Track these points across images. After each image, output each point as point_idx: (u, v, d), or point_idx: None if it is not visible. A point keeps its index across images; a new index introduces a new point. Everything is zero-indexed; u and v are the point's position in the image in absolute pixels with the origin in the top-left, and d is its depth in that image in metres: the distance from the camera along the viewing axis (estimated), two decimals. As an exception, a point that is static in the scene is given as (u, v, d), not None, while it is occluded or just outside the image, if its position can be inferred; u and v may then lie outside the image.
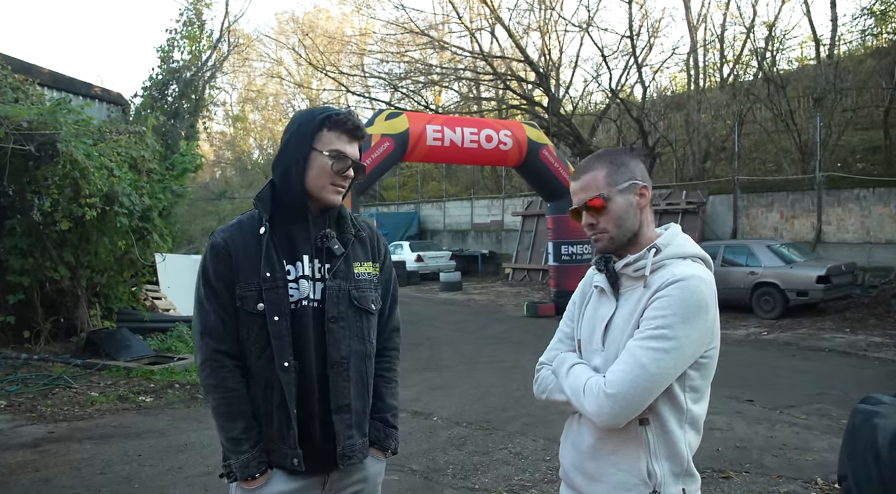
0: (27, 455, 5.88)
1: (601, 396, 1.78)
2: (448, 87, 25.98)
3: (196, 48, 14.96)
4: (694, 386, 1.83)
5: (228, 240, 2.14)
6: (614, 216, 1.92)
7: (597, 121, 23.54)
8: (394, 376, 2.37)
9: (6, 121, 7.88)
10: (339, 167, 2.12)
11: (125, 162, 10.30)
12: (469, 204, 27.41)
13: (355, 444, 2.17)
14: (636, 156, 1.98)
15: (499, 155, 14.65)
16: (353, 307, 2.18)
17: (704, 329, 1.77)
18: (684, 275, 1.79)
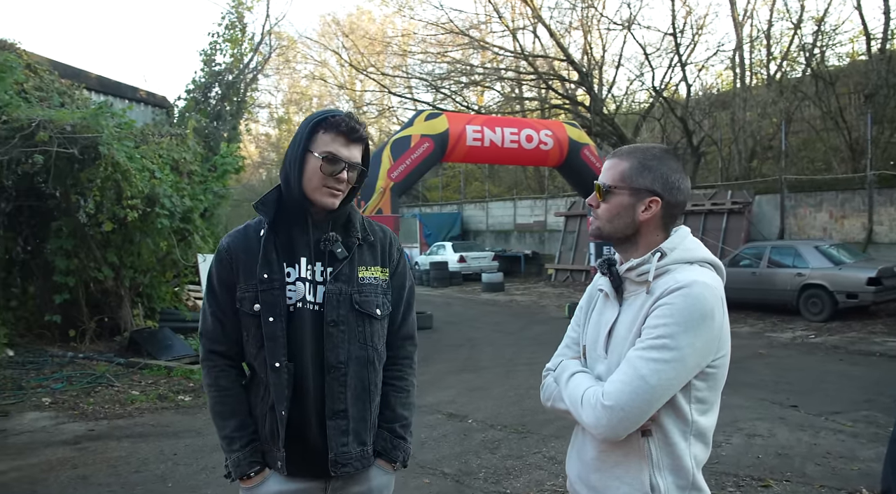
0: (67, 453, 5.99)
1: (598, 408, 1.71)
2: (490, 88, 25.90)
3: (238, 51, 15.12)
4: (700, 397, 1.74)
5: (232, 245, 2.18)
6: (609, 210, 1.87)
7: (640, 120, 23.23)
8: (405, 385, 2.30)
9: (50, 125, 8.04)
10: (329, 169, 2.09)
11: (167, 164, 10.45)
12: (512, 204, 27.29)
13: (350, 452, 2.13)
14: (671, 162, 1.86)
15: (539, 155, 14.55)
16: (354, 311, 2.14)
17: (709, 338, 1.68)
18: (687, 282, 1.70)
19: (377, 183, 13.28)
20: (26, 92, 9.21)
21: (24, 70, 9.72)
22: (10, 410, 7.30)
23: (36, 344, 10.04)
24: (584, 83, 20.58)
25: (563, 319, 15.08)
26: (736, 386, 8.28)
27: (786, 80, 20.92)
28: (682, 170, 1.87)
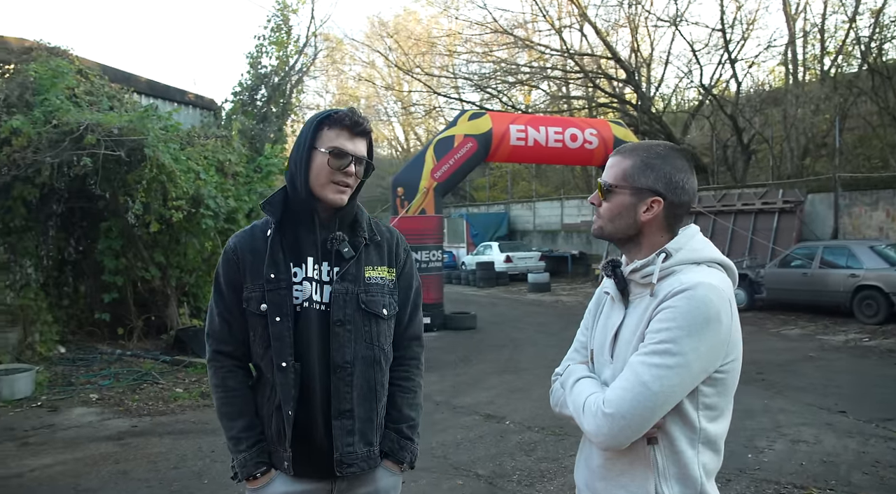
0: (110, 448, 6.12)
1: (599, 415, 1.66)
2: (536, 87, 25.74)
3: (283, 54, 15.28)
4: (709, 403, 1.68)
5: (238, 245, 2.19)
6: (610, 210, 1.82)
7: (689, 118, 22.82)
8: (412, 386, 2.29)
9: (98, 128, 8.24)
10: (336, 164, 2.10)
11: (212, 165, 10.62)
12: (559, 204, 27.10)
13: (356, 452, 2.12)
14: (675, 161, 1.80)
15: (584, 154, 14.41)
16: (361, 311, 2.14)
17: (716, 342, 1.62)
18: (691, 284, 1.63)
19: (420, 183, 13.30)
20: (77, 96, 9.44)
21: (76, 75, 9.96)
22: (59, 405, 7.50)
23: (86, 342, 10.31)
24: (631, 81, 20.30)
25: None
26: (782, 389, 8.09)
27: (840, 75, 20.33)
28: (687, 169, 1.81)
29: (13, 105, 8.70)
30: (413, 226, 13.16)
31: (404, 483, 5.14)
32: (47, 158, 8.04)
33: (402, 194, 13.38)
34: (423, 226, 13.23)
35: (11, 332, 8.94)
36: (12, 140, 8.21)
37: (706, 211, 18.10)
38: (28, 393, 7.76)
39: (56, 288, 10.36)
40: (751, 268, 15.54)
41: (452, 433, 6.58)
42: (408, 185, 13.31)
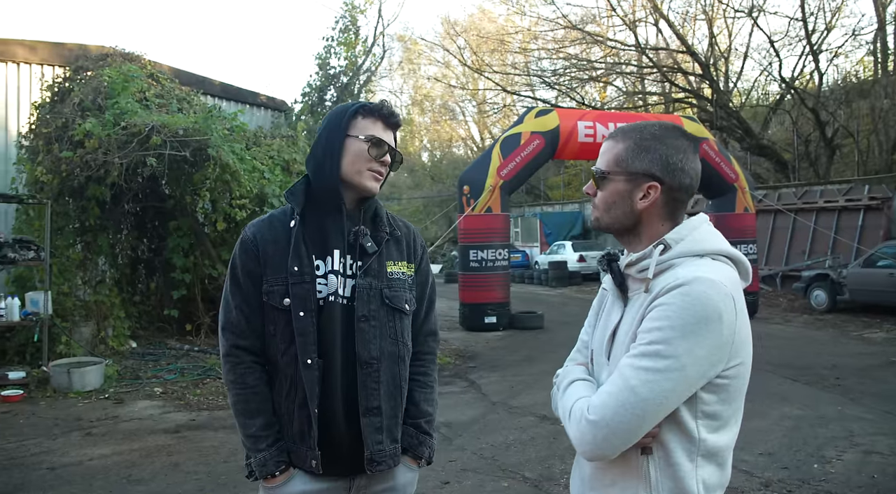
0: (166, 440, 6.28)
1: (583, 422, 1.51)
2: (610, 83, 25.27)
3: (351, 54, 15.46)
4: (710, 411, 1.52)
5: (257, 235, 2.12)
6: (605, 199, 1.69)
7: (769, 113, 21.97)
8: (429, 381, 2.27)
9: (164, 129, 8.48)
10: (376, 152, 2.09)
11: (277, 165, 10.81)
12: (632, 202, 26.45)
13: (385, 449, 2.08)
14: (672, 141, 1.64)
15: (654, 150, 14.06)
16: (385, 306, 2.11)
17: (715, 344, 1.45)
18: (688, 278, 1.48)
19: (486, 181, 13.21)
20: (147, 99, 9.75)
21: (147, 79, 10.30)
22: (125, 398, 7.76)
23: (156, 337, 10.65)
24: (706, 76, 19.67)
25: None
26: (859, 396, 7.67)
27: (935, 64, 19.24)
28: (687, 149, 1.65)
29: (87, 109, 9.05)
30: (479, 224, 13.09)
31: (448, 483, 5.10)
32: (116, 159, 8.32)
33: (468, 192, 13.31)
34: (488, 225, 13.13)
35: (86, 327, 9.30)
36: (85, 142, 8.53)
37: (786, 208, 17.40)
38: (97, 385, 8.05)
39: (129, 284, 10.74)
40: (833, 268, 14.87)
41: (505, 434, 6.48)
42: (474, 183, 13.23)
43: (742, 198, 14.17)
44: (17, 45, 11.84)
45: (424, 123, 42.85)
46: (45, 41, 12.14)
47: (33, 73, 11.61)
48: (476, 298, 13.26)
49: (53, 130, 8.93)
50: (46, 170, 8.75)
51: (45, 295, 8.19)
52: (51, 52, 11.97)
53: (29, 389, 7.83)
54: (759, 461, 5.59)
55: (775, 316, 14.65)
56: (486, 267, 13.03)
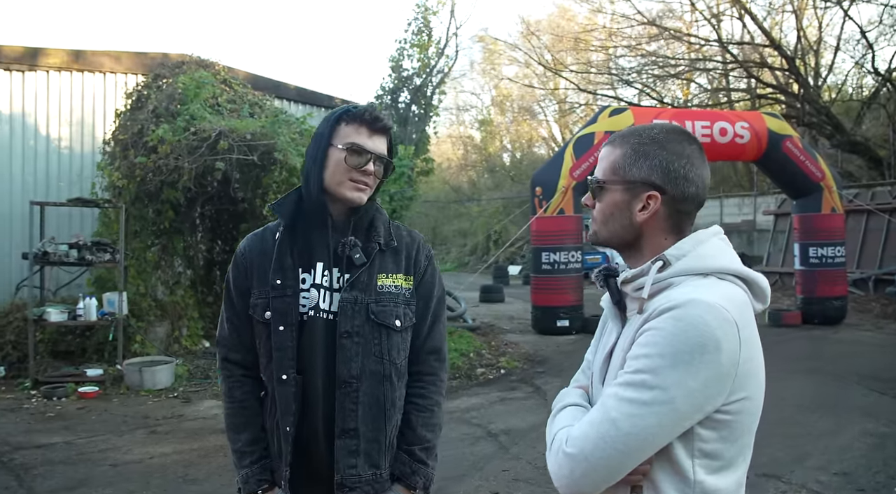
0: (225, 441, 6.37)
1: (560, 455, 1.39)
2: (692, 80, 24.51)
3: (424, 55, 15.49)
4: (708, 450, 1.36)
5: (247, 249, 2.10)
6: (602, 211, 1.54)
7: (863, 107, 20.84)
8: (428, 404, 2.10)
9: (232, 134, 8.66)
10: (354, 161, 1.98)
11: (347, 168, 10.91)
12: (718, 202, 25.67)
13: (359, 475, 1.98)
14: (673, 146, 1.50)
15: (735, 149, 13.51)
16: (371, 322, 2.00)
17: (713, 375, 1.30)
18: (682, 301, 1.33)
19: (559, 182, 12.99)
20: (220, 105, 9.99)
21: (221, 85, 10.56)
22: (192, 397, 7.95)
23: (229, 337, 10.89)
24: (792, 70, 18.80)
25: (762, 327, 13.68)
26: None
27: None
28: (690, 154, 1.50)
29: (161, 115, 9.34)
30: (551, 226, 12.89)
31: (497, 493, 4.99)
32: (186, 164, 8.55)
33: (539, 194, 13.12)
34: (560, 227, 12.91)
35: (160, 326, 9.60)
36: (158, 148, 8.80)
37: (878, 208, 16.46)
38: (167, 383, 8.28)
39: (203, 285, 11.03)
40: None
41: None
42: (546, 184, 13.03)
43: (829, 198, 13.48)
44: (103, 55, 12.36)
45: (504, 124, 42.65)
46: (129, 51, 12.64)
47: (118, 81, 12.10)
48: (548, 301, 13.05)
49: (130, 137, 9.26)
50: (122, 175, 9.07)
51: (120, 295, 8.49)
52: (134, 61, 12.44)
53: (104, 386, 8.14)
54: (833, 481, 5.26)
55: (866, 323, 13.88)
56: (558, 270, 12.81)
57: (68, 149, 11.64)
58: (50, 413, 7.27)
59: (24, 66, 11.44)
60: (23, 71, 11.45)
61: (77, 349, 9.11)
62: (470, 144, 44.46)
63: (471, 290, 18.35)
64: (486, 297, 18.86)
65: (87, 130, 11.84)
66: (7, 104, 11.31)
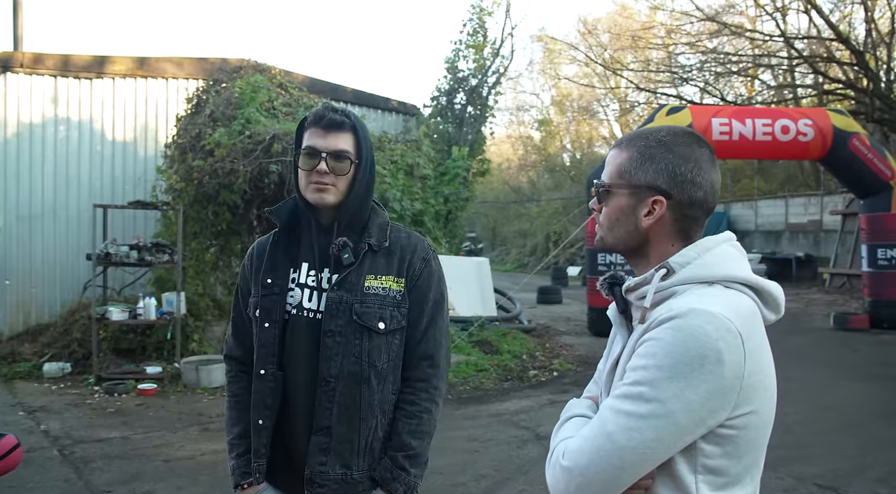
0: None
1: (557, 468, 1.36)
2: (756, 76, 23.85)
3: (479, 56, 15.46)
4: (712, 466, 1.32)
5: (254, 250, 2.21)
6: (608, 216, 1.51)
7: (941, 102, 19.91)
8: (416, 411, 2.09)
9: (286, 137, 8.81)
10: (306, 163, 2.02)
11: (400, 169, 10.98)
12: (783, 202, 24.98)
13: (328, 473, 2.01)
14: (680, 149, 1.45)
15: (798, 147, 13.12)
16: (353, 323, 2.01)
17: (715, 388, 1.25)
18: (682, 311, 1.29)
19: (615, 182, 12.83)
20: (275, 108, 10.17)
21: (277, 88, 10.75)
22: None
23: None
24: (861, 64, 18.09)
25: (827, 330, 13.48)
26: None
27: None
28: (699, 158, 1.45)
29: (217, 119, 9.56)
30: (606, 226, 12.74)
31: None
32: (241, 167, 8.73)
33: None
34: (616, 227, 12.76)
35: (218, 326, 9.82)
36: (215, 151, 9.01)
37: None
38: (223, 382, 8.45)
39: (261, 286, 11.23)
40: None
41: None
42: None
43: (900, 197, 12.98)
44: (166, 62, 12.73)
45: (564, 123, 42.25)
46: (191, 57, 12.96)
47: (179, 87, 12.44)
48: (605, 302, 12.77)
49: (188, 140, 9.50)
50: (180, 178, 9.32)
51: (178, 295, 8.71)
52: (195, 66, 12.77)
53: (163, 384, 8.37)
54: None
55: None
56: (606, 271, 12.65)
57: (132, 153, 12.02)
58: (110, 409, 7.52)
59: (92, 74, 11.86)
60: (91, 78, 11.87)
61: (138, 347, 9.39)
62: (529, 144, 44.20)
63: (528, 291, 18.25)
64: (543, 298, 18.73)
65: (150, 135, 12.21)
66: (76, 111, 11.74)
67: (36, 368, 9.02)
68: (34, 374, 8.92)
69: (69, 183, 11.49)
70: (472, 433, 6.69)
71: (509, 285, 17.33)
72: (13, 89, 11.30)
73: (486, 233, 43.21)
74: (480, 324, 11.41)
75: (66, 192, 11.46)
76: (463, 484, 5.33)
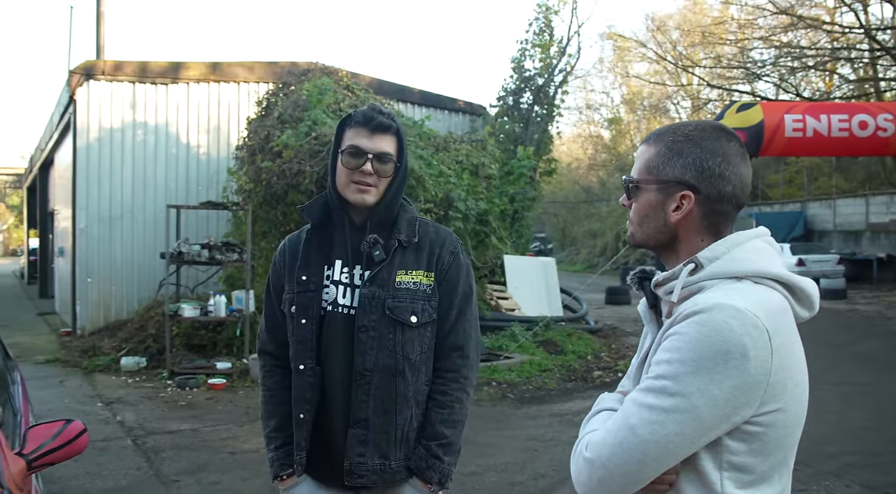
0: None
1: (580, 460, 1.36)
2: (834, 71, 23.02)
3: (546, 55, 15.39)
4: (738, 463, 1.30)
5: (285, 247, 2.25)
6: (638, 211, 1.49)
7: None
8: (448, 401, 2.13)
9: (351, 138, 8.95)
10: (351, 163, 2.05)
11: (465, 169, 11.03)
12: (864, 201, 24.07)
13: (367, 463, 2.05)
14: (708, 143, 1.43)
15: (876, 143, 12.63)
16: (386, 317, 2.06)
17: (740, 384, 1.24)
18: (707, 305, 1.28)
19: (683, 181, 12.59)
20: (342, 110, 10.34)
21: (343, 90, 10.94)
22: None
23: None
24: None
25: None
26: None
27: None
28: (728, 153, 1.42)
29: (286, 121, 9.80)
30: (674, 226, 12.50)
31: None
32: (307, 168, 8.92)
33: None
34: (685, 227, 12.50)
35: (286, 323, 10.03)
36: (283, 153, 9.23)
37: None
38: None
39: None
40: None
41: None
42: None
43: None
44: (237, 66, 13.11)
45: (634, 122, 41.61)
46: (261, 61, 13.32)
47: (250, 90, 12.79)
48: (672, 304, 12.63)
49: (257, 142, 9.76)
50: (250, 179, 9.58)
51: (247, 293, 8.95)
52: (265, 70, 13.12)
53: (232, 379, 8.61)
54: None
55: None
56: (682, 272, 12.41)
57: (205, 155, 12.43)
58: (182, 402, 7.78)
59: (168, 80, 12.31)
60: (166, 84, 12.33)
61: (209, 343, 9.69)
62: (599, 143, 43.69)
63: (597, 292, 18.06)
64: (611, 299, 18.52)
65: (222, 137, 12.59)
66: (153, 116, 12.22)
67: (114, 362, 9.42)
68: (112, 368, 9.32)
69: (146, 185, 11.95)
70: (533, 432, 6.68)
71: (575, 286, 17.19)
72: (95, 96, 11.83)
73: (556, 233, 42.91)
74: (545, 324, 11.35)
75: (143, 194, 11.94)
76: (521, 483, 5.32)
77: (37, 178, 21.67)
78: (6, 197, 56.95)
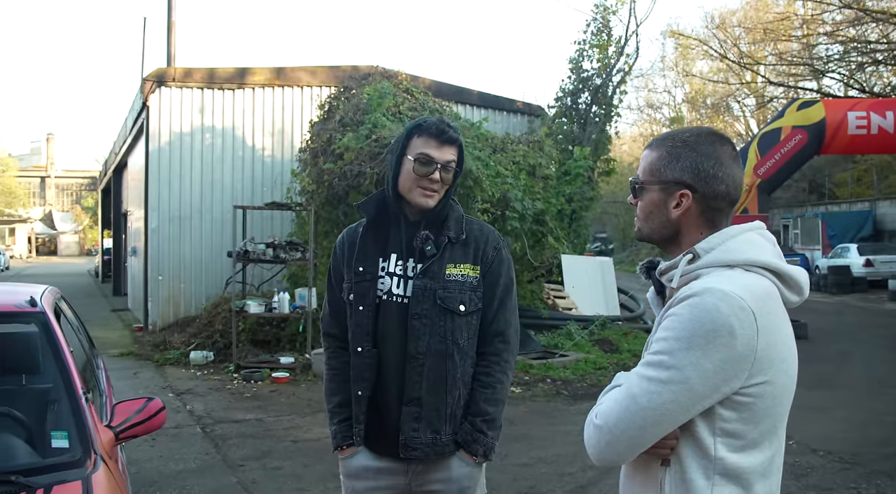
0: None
1: (590, 426, 1.55)
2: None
3: (604, 55, 15.39)
4: (730, 429, 1.47)
5: (344, 239, 2.45)
6: (643, 209, 1.68)
7: None
8: (491, 381, 2.33)
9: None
10: (421, 170, 2.25)
11: (522, 169, 11.16)
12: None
13: (420, 438, 2.25)
14: (704, 148, 1.62)
15: (947, 139, 12.30)
16: (437, 306, 2.27)
17: (728, 357, 1.41)
18: (699, 289, 1.46)
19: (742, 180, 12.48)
20: (401, 112, 10.59)
21: (403, 93, 11.20)
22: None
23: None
24: None
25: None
26: None
27: None
28: (720, 156, 1.60)
29: (347, 124, 10.09)
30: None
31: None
32: (368, 169, 9.18)
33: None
34: (745, 227, 12.37)
35: (346, 320, 10.32)
36: (344, 155, 9.52)
37: None
38: (350, 373, 8.93)
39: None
40: None
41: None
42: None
43: None
44: (301, 71, 13.52)
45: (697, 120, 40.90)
46: (323, 65, 13.70)
47: (313, 94, 13.17)
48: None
49: (319, 145, 10.09)
50: (312, 181, 9.90)
51: (310, 290, 9.26)
52: (327, 74, 13.49)
53: (295, 373, 8.94)
54: None
55: None
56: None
57: (270, 158, 12.86)
58: (247, 394, 8.13)
59: (234, 85, 12.79)
60: (233, 89, 12.81)
61: (273, 338, 10.06)
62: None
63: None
64: (670, 299, 18.31)
65: (286, 140, 13.01)
66: (220, 120, 12.70)
67: (183, 356, 9.87)
68: (182, 361, 9.78)
69: (213, 186, 12.44)
70: (585, 428, 6.77)
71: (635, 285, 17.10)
72: (166, 102, 12.37)
73: (617, 234, 42.55)
74: (602, 323, 11.41)
75: (210, 195, 12.43)
76: (570, 474, 5.46)
77: (111, 181, 22.63)
78: (82, 199, 59.39)
